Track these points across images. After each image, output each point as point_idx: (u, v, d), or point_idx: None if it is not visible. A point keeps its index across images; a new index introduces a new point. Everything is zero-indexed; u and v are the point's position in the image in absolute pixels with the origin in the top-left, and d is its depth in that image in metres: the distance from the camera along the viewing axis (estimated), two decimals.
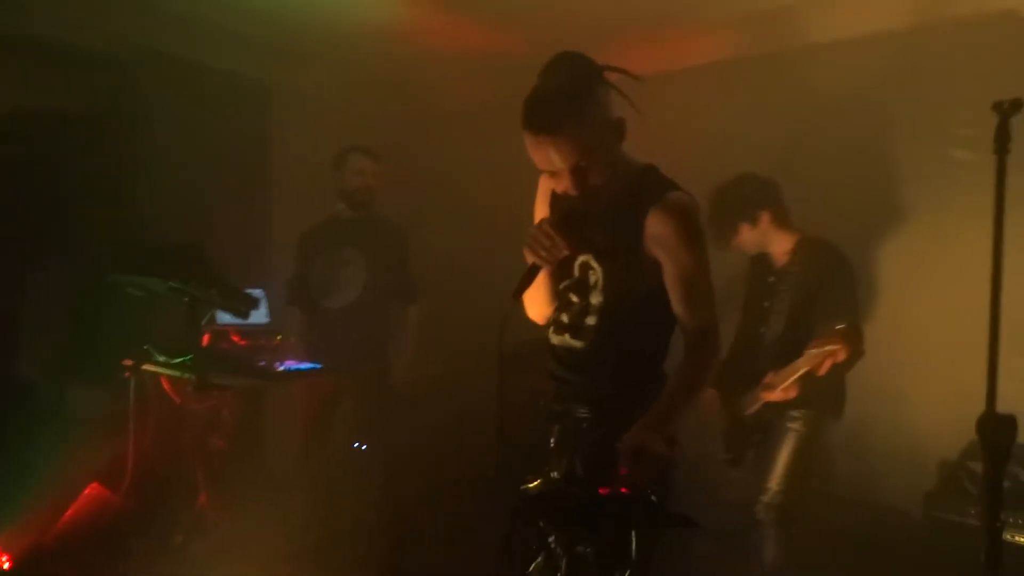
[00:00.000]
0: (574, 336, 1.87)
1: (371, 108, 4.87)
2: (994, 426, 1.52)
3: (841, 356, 2.63)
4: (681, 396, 1.71)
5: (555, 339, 1.93)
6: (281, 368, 3.17)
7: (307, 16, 3.97)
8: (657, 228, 1.72)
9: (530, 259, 1.75)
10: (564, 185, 1.74)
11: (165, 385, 3.03)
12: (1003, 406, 1.55)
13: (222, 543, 3.03)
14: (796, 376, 2.74)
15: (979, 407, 1.57)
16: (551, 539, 1.71)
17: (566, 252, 1.75)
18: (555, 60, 1.75)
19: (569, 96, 1.66)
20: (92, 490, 3.06)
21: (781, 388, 2.78)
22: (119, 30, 3.80)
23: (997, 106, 1.57)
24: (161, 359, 2.89)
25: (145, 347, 2.92)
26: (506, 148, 2.21)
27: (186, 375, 2.81)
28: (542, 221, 1.77)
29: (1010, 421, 1.52)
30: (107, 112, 3.81)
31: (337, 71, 4.65)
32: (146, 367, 2.93)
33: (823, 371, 2.68)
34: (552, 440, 1.91)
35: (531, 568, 1.74)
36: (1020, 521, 2.60)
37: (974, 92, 3.13)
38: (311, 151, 4.33)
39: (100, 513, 3.03)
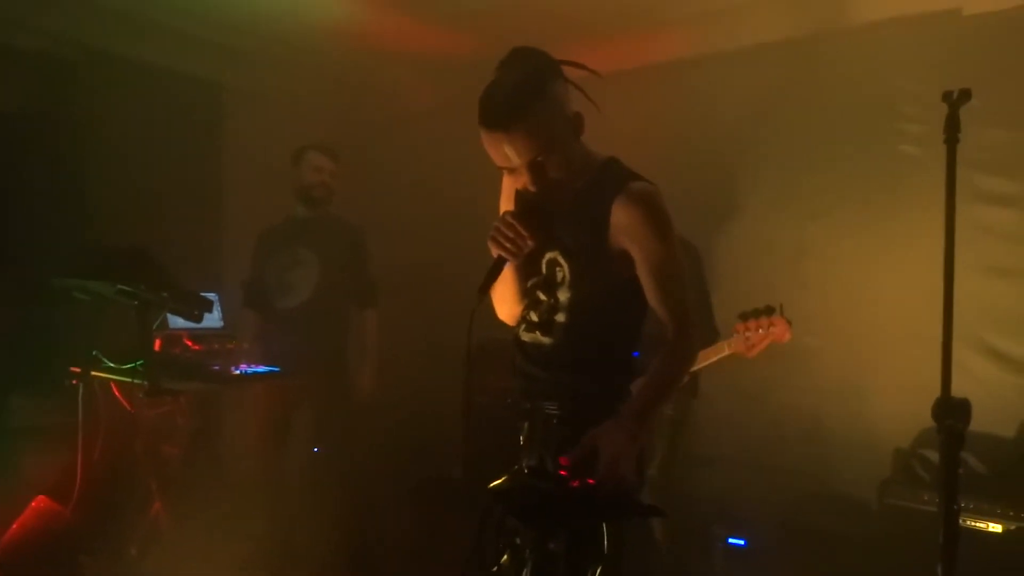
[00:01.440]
0: (544, 333, 1.86)
1: (326, 109, 4.82)
2: (949, 410, 1.56)
3: (784, 336, 2.59)
4: (655, 393, 1.69)
5: (525, 336, 1.91)
6: (236, 372, 3.10)
7: (260, 17, 3.94)
8: (623, 218, 1.70)
9: (495, 252, 1.74)
10: (522, 181, 1.72)
11: (115, 392, 2.94)
12: (954, 394, 1.59)
13: (178, 554, 2.94)
14: (715, 359, 2.71)
15: (931, 396, 1.60)
16: (518, 536, 1.70)
17: (530, 244, 1.74)
18: (511, 55, 1.74)
19: (523, 91, 1.64)
20: (39, 503, 2.95)
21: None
22: (64, 31, 3.72)
23: (947, 96, 1.60)
24: (111, 365, 2.81)
25: (94, 353, 2.84)
26: (464, 148, 2.20)
27: (137, 381, 2.73)
28: (505, 213, 1.76)
29: (964, 405, 1.56)
30: (53, 113, 3.70)
31: (291, 72, 4.60)
32: (95, 373, 2.85)
33: (755, 352, 2.63)
34: (522, 437, 1.89)
35: (496, 567, 1.72)
36: (972, 506, 2.66)
37: (921, 88, 3.26)
38: (265, 152, 4.27)
39: (48, 527, 2.91)
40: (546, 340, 1.85)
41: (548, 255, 1.84)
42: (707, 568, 3.31)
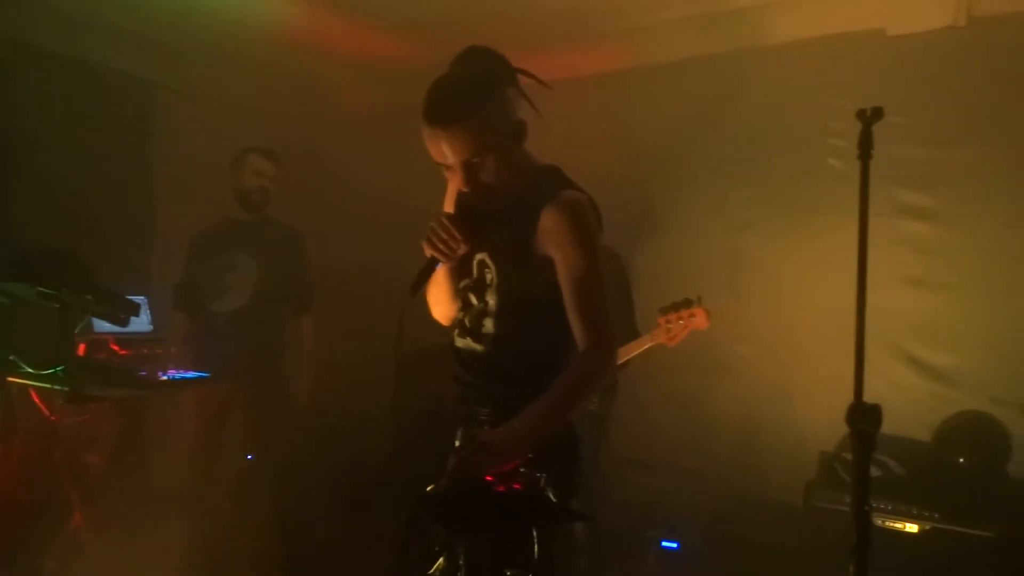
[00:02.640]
0: (475, 340, 1.86)
1: (264, 111, 4.74)
2: (861, 415, 1.62)
3: (703, 324, 2.72)
4: (558, 405, 1.66)
5: (458, 342, 1.91)
6: (164, 377, 3.01)
7: (197, 14, 3.85)
8: (549, 224, 1.70)
9: (428, 253, 1.75)
10: (456, 180, 1.73)
11: (35, 398, 2.82)
12: (872, 400, 1.66)
13: (100, 569, 2.85)
14: (639, 351, 2.83)
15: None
16: (451, 542, 1.70)
17: (463, 247, 1.75)
18: (465, 52, 1.74)
19: (468, 92, 1.65)
20: None
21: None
22: None
23: (860, 114, 1.68)
24: (29, 370, 2.70)
25: (11, 357, 2.73)
26: (402, 154, 2.20)
27: (58, 387, 2.62)
28: (441, 215, 1.76)
29: (875, 410, 1.63)
30: None
31: (229, 72, 4.52)
32: (12, 379, 2.74)
33: (677, 341, 2.76)
34: (456, 443, 1.89)
35: (431, 572, 1.72)
36: (890, 507, 2.77)
37: (844, 104, 3.37)
38: (199, 153, 4.18)
39: None
40: (477, 347, 1.85)
41: (478, 256, 1.84)
42: (639, 571, 3.36)
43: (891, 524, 2.75)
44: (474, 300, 1.86)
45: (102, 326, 3.04)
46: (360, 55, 4.41)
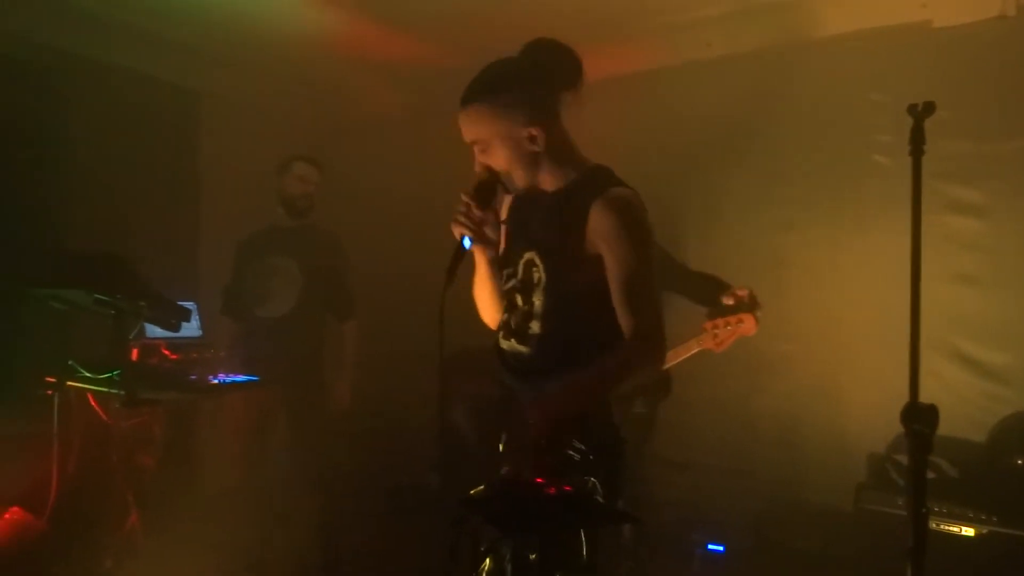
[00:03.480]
0: (520, 342, 1.86)
1: (301, 115, 4.82)
2: (917, 415, 1.59)
3: (751, 330, 2.64)
4: (583, 391, 1.70)
5: (504, 344, 1.92)
6: (214, 381, 3.08)
7: (238, 23, 3.92)
8: (598, 221, 1.70)
9: (455, 232, 1.80)
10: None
11: (91, 402, 2.90)
12: (924, 399, 1.63)
13: (153, 566, 2.92)
14: (685, 356, 2.77)
15: (903, 402, 1.63)
16: (497, 544, 1.71)
17: (481, 217, 1.80)
18: (531, 43, 1.85)
19: (487, 78, 1.75)
20: (12, 514, 2.91)
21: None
22: (36, 35, 3.68)
23: (911, 109, 1.64)
24: (87, 375, 2.77)
25: (69, 362, 2.81)
26: (436, 155, 2.22)
27: (113, 391, 2.70)
28: (461, 192, 1.82)
29: (932, 410, 1.59)
30: (28, 119, 3.66)
31: (270, 79, 4.60)
32: (71, 383, 2.82)
33: (724, 347, 2.68)
34: (501, 445, 1.90)
35: (477, 573, 1.73)
36: (945, 510, 2.70)
37: (890, 99, 3.32)
38: (241, 158, 4.26)
39: (21, 539, 2.88)
40: (523, 349, 1.86)
41: (526, 256, 1.84)
42: (685, 574, 3.33)
43: (947, 527, 2.68)
44: (520, 301, 1.86)
45: (154, 331, 3.12)
46: (392, 59, 4.45)
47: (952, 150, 3.13)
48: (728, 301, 2.65)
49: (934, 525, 2.65)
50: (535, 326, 1.82)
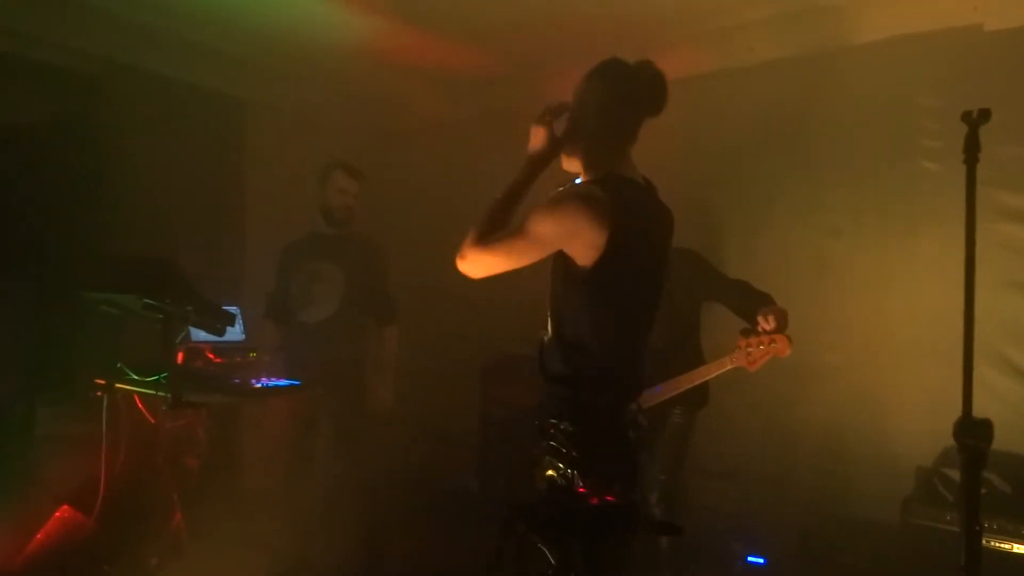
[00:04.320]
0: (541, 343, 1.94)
1: (345, 122, 4.88)
2: (971, 430, 1.55)
3: (785, 351, 2.62)
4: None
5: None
6: (257, 385, 3.12)
7: (282, 33, 4.00)
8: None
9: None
10: None
11: (138, 404, 2.97)
12: (976, 413, 1.58)
13: (198, 565, 2.97)
14: (719, 372, 2.77)
15: (952, 414, 1.59)
16: (542, 550, 1.71)
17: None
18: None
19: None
20: (63, 512, 2.98)
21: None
22: (88, 46, 3.79)
23: (966, 116, 1.61)
24: (135, 377, 2.83)
25: (118, 365, 2.87)
26: (480, 161, 2.25)
27: (160, 393, 2.75)
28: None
29: (986, 425, 1.55)
30: (79, 127, 3.77)
31: (313, 87, 4.67)
32: (119, 385, 2.88)
33: (758, 367, 2.67)
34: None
35: None
36: (996, 527, 2.62)
37: (941, 104, 3.25)
38: (286, 166, 4.33)
39: (71, 536, 2.95)
40: (544, 346, 1.92)
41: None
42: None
43: (998, 544, 2.60)
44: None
45: (199, 335, 3.18)
46: (434, 66, 4.49)
47: (1004, 156, 3.05)
48: (765, 327, 2.62)
49: (986, 542, 2.57)
50: (549, 325, 1.92)
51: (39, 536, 2.93)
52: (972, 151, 1.60)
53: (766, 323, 2.62)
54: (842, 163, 3.56)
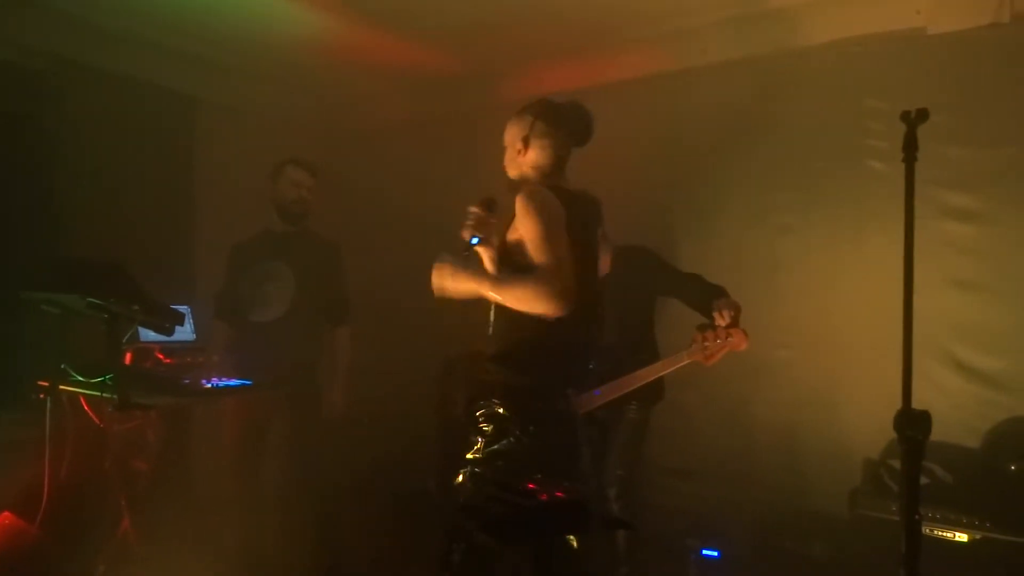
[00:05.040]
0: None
1: (300, 122, 4.81)
2: (909, 421, 1.59)
3: (741, 345, 2.62)
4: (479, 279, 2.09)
5: None
6: (208, 385, 3.07)
7: (235, 29, 3.94)
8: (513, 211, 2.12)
9: (466, 235, 2.16)
10: None
11: (84, 406, 2.89)
12: (919, 406, 1.63)
13: (147, 572, 2.90)
14: (675, 367, 2.77)
15: (898, 407, 1.63)
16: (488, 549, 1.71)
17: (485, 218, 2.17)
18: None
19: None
20: (4, 519, 2.90)
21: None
22: (34, 40, 3.69)
23: (905, 116, 1.65)
24: (79, 379, 2.76)
25: (62, 366, 2.79)
26: (437, 162, 2.29)
27: (107, 395, 2.68)
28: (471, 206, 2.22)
29: (924, 417, 1.59)
30: (23, 123, 3.66)
31: (266, 85, 4.60)
32: (63, 387, 2.81)
33: (714, 361, 2.66)
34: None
35: None
36: (939, 516, 2.70)
37: (886, 106, 3.33)
38: (237, 165, 4.26)
39: (14, 544, 2.86)
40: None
41: None
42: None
43: (940, 533, 2.68)
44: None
45: (147, 335, 3.11)
46: (393, 65, 4.46)
47: (947, 156, 3.15)
48: (721, 322, 2.63)
49: (928, 531, 2.64)
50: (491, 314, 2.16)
51: None
52: (911, 150, 1.65)
53: (721, 318, 2.64)
54: (792, 163, 3.63)
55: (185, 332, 3.29)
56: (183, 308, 3.17)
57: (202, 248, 4.31)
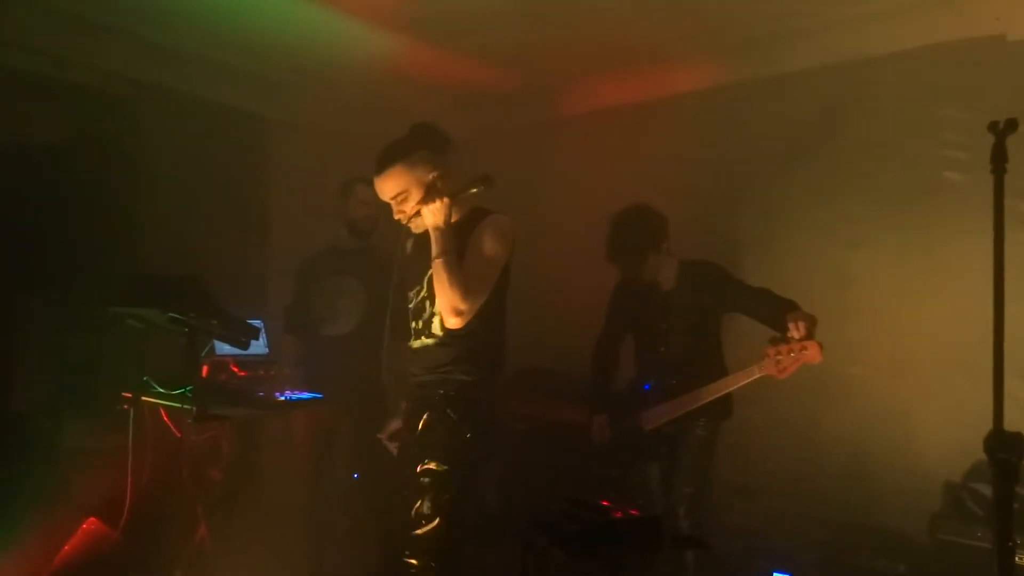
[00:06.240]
0: (428, 337, 2.55)
1: (367, 140, 4.90)
2: (1002, 444, 1.53)
3: (816, 358, 2.55)
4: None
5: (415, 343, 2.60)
6: (280, 398, 3.14)
7: (304, 51, 4.06)
8: (479, 231, 2.30)
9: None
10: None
11: (164, 417, 3.00)
12: (1008, 427, 1.56)
13: None
14: (747, 382, 2.73)
15: (981, 428, 1.57)
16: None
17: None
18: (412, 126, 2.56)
19: (399, 146, 2.54)
20: (90, 525, 3.01)
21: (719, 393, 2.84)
22: (114, 66, 3.86)
23: (992, 126, 1.60)
24: (160, 390, 2.86)
25: (144, 378, 2.90)
26: (497, 177, 2.34)
27: (185, 407, 2.77)
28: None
29: (1018, 438, 1.53)
30: (105, 146, 3.83)
31: (333, 104, 4.71)
32: (145, 399, 2.91)
33: (787, 374, 2.61)
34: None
35: None
36: None
37: (965, 115, 3.22)
38: (307, 181, 4.37)
39: (98, 549, 2.98)
40: (429, 342, 2.44)
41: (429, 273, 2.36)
42: None
43: None
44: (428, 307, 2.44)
45: (223, 348, 3.20)
46: (454, 83, 4.53)
47: None
48: (796, 334, 2.56)
49: (1017, 559, 2.52)
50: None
51: (66, 549, 2.96)
52: (999, 161, 1.59)
53: (796, 330, 2.58)
54: (863, 174, 3.54)
55: (259, 346, 3.38)
56: (257, 322, 3.26)
57: (275, 263, 4.43)
